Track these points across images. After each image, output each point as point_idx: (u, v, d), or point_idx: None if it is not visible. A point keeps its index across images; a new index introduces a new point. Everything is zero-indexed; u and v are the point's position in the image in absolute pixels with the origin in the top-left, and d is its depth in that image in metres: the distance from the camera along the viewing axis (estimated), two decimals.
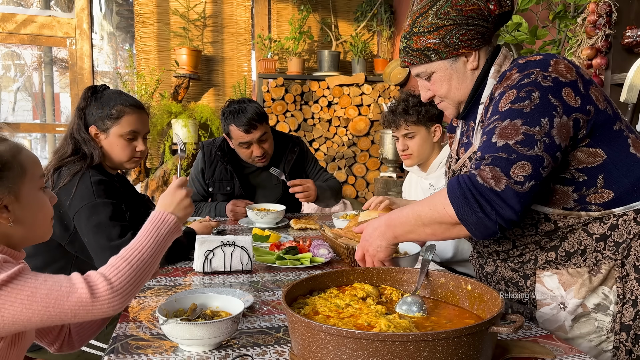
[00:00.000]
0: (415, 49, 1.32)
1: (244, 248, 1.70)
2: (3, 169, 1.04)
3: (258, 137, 2.48)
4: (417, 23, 1.31)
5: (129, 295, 1.02)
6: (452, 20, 1.27)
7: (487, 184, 1.10)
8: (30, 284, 0.97)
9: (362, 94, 4.86)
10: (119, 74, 4.98)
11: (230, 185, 2.62)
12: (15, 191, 1.06)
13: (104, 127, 1.85)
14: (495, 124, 1.17)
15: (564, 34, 2.45)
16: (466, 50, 1.30)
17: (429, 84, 1.38)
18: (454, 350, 0.88)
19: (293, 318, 0.96)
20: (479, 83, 1.34)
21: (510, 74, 1.23)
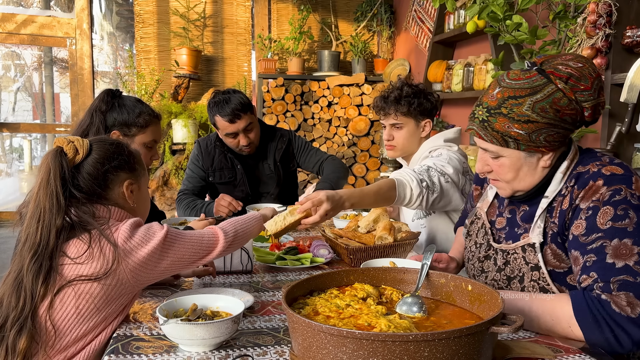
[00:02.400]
0: (495, 129, 1.25)
1: (244, 248, 1.70)
2: (136, 162, 1.40)
3: (243, 127, 2.50)
4: (509, 105, 1.23)
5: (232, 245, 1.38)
6: (546, 118, 1.21)
7: (623, 312, 1.09)
8: (179, 235, 1.29)
9: (362, 94, 4.86)
10: (119, 74, 4.99)
11: (232, 172, 2.63)
12: (139, 182, 1.40)
13: (129, 134, 1.88)
14: (603, 242, 1.15)
15: (564, 34, 2.45)
16: (546, 150, 1.26)
17: (493, 162, 1.32)
18: (454, 350, 0.88)
19: (293, 318, 0.96)
20: (548, 179, 1.30)
21: (596, 186, 1.20)
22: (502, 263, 1.36)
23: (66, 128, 4.98)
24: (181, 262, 1.28)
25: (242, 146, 2.56)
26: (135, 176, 1.38)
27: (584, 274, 1.16)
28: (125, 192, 1.35)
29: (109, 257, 1.20)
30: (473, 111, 1.33)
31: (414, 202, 1.79)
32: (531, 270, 1.29)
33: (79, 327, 1.21)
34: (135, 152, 1.43)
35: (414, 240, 1.83)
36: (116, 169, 1.33)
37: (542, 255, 1.27)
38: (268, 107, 4.77)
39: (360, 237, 1.83)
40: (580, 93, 1.21)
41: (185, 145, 4.51)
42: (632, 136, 2.37)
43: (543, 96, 1.20)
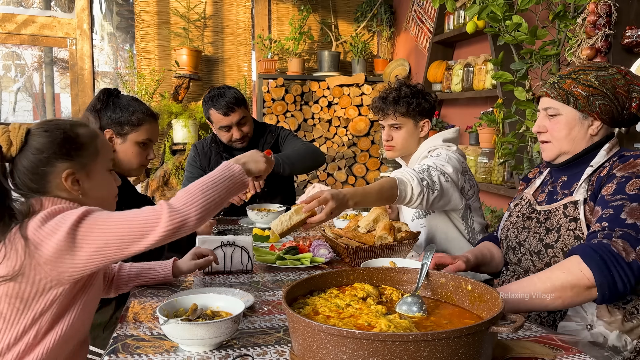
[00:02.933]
0: (562, 88, 1.49)
1: (244, 248, 1.70)
2: (80, 148, 1.24)
3: (237, 120, 2.55)
4: (578, 74, 1.49)
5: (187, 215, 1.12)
6: (605, 88, 1.45)
7: (623, 253, 1.25)
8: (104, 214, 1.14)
9: (362, 94, 4.86)
10: (119, 75, 4.99)
11: None
12: (87, 169, 1.25)
13: (122, 132, 1.87)
14: (623, 202, 1.34)
15: (564, 34, 2.45)
16: (597, 117, 1.48)
17: (548, 122, 1.53)
18: (454, 350, 0.88)
19: (293, 318, 0.96)
20: (589, 150, 1.51)
21: (635, 162, 1.41)
22: (543, 218, 1.55)
23: None
24: (109, 248, 1.10)
25: (236, 139, 2.60)
26: (78, 164, 1.23)
27: (597, 222, 1.33)
28: (64, 184, 1.21)
29: (21, 253, 1.11)
30: (545, 81, 1.60)
31: (415, 201, 1.79)
32: (569, 222, 1.47)
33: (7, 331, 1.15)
34: (82, 135, 1.25)
35: (414, 240, 1.83)
36: (50, 160, 1.20)
37: (583, 210, 1.45)
38: (268, 107, 4.77)
39: (360, 237, 1.83)
40: (634, 86, 1.46)
41: (186, 145, 4.52)
42: (632, 136, 2.37)
43: (606, 73, 1.47)
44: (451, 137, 2.14)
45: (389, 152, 2.20)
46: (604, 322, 1.39)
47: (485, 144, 3.41)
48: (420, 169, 1.88)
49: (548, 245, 1.50)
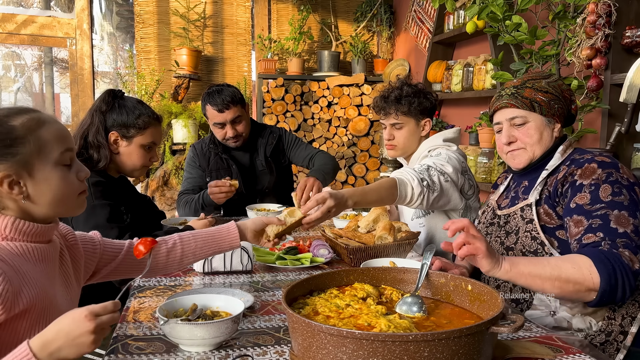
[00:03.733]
0: (525, 97, 1.56)
1: (244, 248, 1.70)
2: (13, 144, 1.02)
3: (231, 118, 2.55)
4: (531, 82, 1.58)
5: None
6: (556, 93, 1.56)
7: (630, 263, 1.30)
8: None
9: (362, 94, 4.86)
10: (119, 75, 4.99)
11: (227, 173, 2.66)
12: (28, 167, 1.04)
13: (128, 135, 1.88)
14: (606, 211, 1.38)
15: (564, 34, 2.45)
16: (557, 120, 1.58)
17: (517, 132, 1.58)
18: (454, 350, 0.88)
19: (293, 318, 0.96)
20: (546, 154, 1.58)
21: (591, 167, 1.45)
22: (503, 222, 1.63)
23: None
24: None
25: (229, 137, 2.60)
26: (15, 164, 1.02)
27: (590, 233, 1.36)
28: (2, 190, 1.03)
29: None
30: (498, 95, 1.62)
31: (415, 201, 1.80)
32: (526, 224, 1.54)
33: None
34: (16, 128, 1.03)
35: (414, 240, 1.83)
36: None
37: (536, 212, 1.53)
38: (268, 107, 4.77)
39: (360, 237, 1.83)
40: (569, 91, 1.61)
41: (185, 145, 4.52)
42: (631, 136, 2.37)
43: (552, 80, 1.59)
44: (451, 137, 2.14)
45: (390, 152, 2.20)
46: (566, 307, 1.45)
47: (485, 144, 3.41)
48: (420, 169, 1.88)
49: (508, 247, 1.57)
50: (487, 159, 3.38)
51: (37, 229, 1.08)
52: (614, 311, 1.44)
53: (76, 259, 1.25)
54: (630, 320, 1.44)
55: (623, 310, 1.44)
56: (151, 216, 2.12)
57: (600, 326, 1.44)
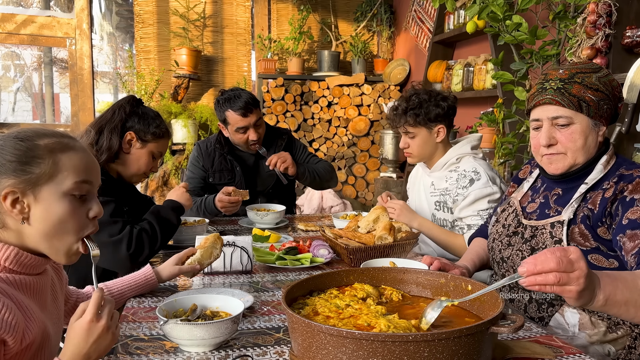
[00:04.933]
0: (572, 94, 1.37)
1: (244, 248, 1.70)
2: (29, 162, 0.99)
3: (254, 121, 2.55)
4: (580, 76, 1.38)
5: None
6: (608, 91, 1.38)
7: None
8: None
9: (362, 94, 4.86)
10: (118, 74, 4.98)
11: (231, 174, 2.65)
12: (35, 189, 0.99)
13: (144, 139, 1.93)
14: None
15: (564, 34, 2.45)
16: (604, 123, 1.40)
17: (559, 133, 1.40)
18: (454, 350, 0.88)
19: (293, 318, 0.96)
20: (588, 164, 1.42)
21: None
22: (529, 236, 1.47)
23: (66, 128, 4.98)
24: None
25: (252, 141, 2.58)
26: (25, 182, 0.98)
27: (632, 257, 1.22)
28: (4, 206, 0.98)
29: None
30: (541, 87, 1.42)
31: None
32: (554, 243, 1.39)
33: None
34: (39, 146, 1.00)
35: (414, 240, 1.83)
36: None
37: (567, 232, 1.37)
38: (268, 107, 4.77)
39: (360, 237, 1.83)
40: (619, 86, 1.41)
41: (185, 145, 4.51)
42: (632, 136, 2.37)
43: (603, 74, 1.39)
44: (477, 144, 2.17)
45: (409, 159, 2.23)
46: (585, 333, 1.37)
47: (486, 144, 3.41)
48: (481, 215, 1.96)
49: None
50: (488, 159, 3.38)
51: (35, 261, 1.03)
52: (635, 339, 1.35)
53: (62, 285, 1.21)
54: None
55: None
56: None
57: (619, 354, 1.34)
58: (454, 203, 2.05)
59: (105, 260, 1.72)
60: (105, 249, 1.70)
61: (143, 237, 1.74)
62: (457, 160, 2.11)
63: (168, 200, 1.99)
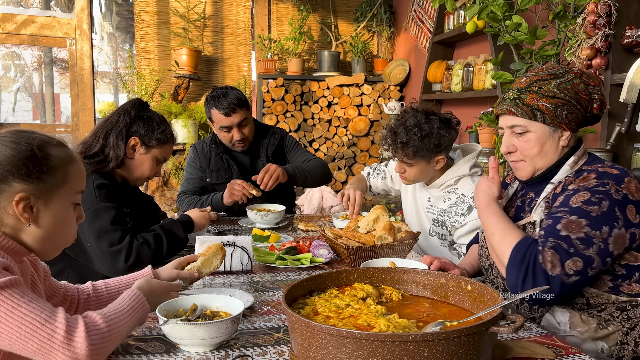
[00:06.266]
0: (526, 104, 1.42)
1: (244, 248, 1.70)
2: (46, 172, 1.07)
3: (238, 121, 2.54)
4: (537, 84, 1.42)
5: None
6: (568, 97, 1.40)
7: (544, 265, 1.27)
8: (15, 300, 0.96)
9: (362, 94, 4.86)
10: (119, 75, 4.99)
11: (228, 173, 2.66)
12: (47, 197, 1.07)
13: (148, 144, 1.92)
14: (563, 214, 1.33)
15: (564, 34, 2.45)
16: (566, 128, 1.43)
17: (517, 141, 1.46)
18: (454, 350, 0.88)
19: (293, 318, 0.96)
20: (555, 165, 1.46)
21: (588, 176, 1.37)
22: None
23: (66, 128, 4.98)
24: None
25: (236, 141, 2.59)
26: (37, 189, 1.06)
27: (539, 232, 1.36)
28: (14, 208, 1.04)
29: None
30: (502, 97, 1.49)
31: None
32: None
33: None
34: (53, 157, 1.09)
35: (414, 240, 1.83)
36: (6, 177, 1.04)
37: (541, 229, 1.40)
38: (268, 107, 4.77)
39: (360, 237, 1.83)
40: (591, 87, 1.43)
41: (185, 145, 4.51)
42: (631, 136, 2.37)
43: (565, 80, 1.41)
44: (475, 162, 2.10)
45: (404, 181, 2.15)
46: (576, 331, 1.39)
47: (485, 144, 3.41)
48: None
49: None
50: (488, 159, 3.38)
51: (17, 248, 1.08)
52: (626, 334, 1.36)
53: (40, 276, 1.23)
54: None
55: (636, 333, 1.36)
56: (154, 217, 2.13)
57: (612, 350, 1.37)
58: (452, 227, 2.05)
59: (103, 269, 1.73)
60: (104, 258, 1.71)
61: (144, 249, 1.74)
62: (455, 182, 2.09)
63: (184, 215, 1.99)
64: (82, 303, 1.30)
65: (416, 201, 2.24)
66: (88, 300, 1.31)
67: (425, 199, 2.19)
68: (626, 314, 1.37)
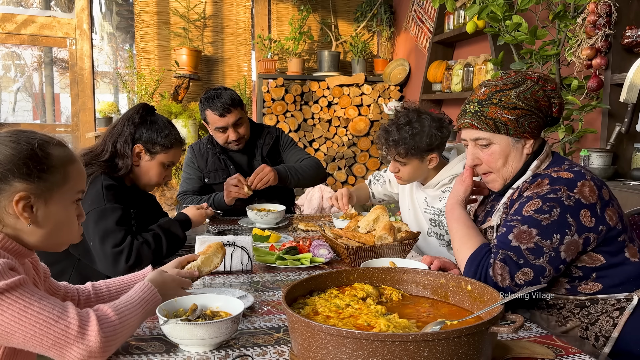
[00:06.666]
0: (488, 117, 1.42)
1: (244, 248, 1.70)
2: (46, 171, 1.07)
3: (233, 121, 2.55)
4: (497, 96, 1.42)
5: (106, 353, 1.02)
6: (529, 106, 1.41)
7: (495, 278, 1.30)
8: (26, 299, 0.97)
9: (362, 94, 4.86)
10: (119, 74, 4.99)
11: (225, 173, 2.67)
12: (47, 196, 1.08)
13: (152, 151, 1.92)
14: (515, 223, 1.34)
15: (564, 34, 2.45)
16: (529, 136, 1.43)
17: (482, 154, 1.47)
18: (454, 350, 0.88)
19: (293, 318, 0.96)
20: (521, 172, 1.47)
21: (541, 182, 1.37)
22: None
23: (66, 128, 4.98)
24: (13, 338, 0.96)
25: (232, 141, 2.60)
26: (38, 188, 1.06)
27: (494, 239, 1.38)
28: (14, 207, 1.05)
29: None
30: (463, 109, 1.49)
31: None
32: None
33: None
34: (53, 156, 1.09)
35: (414, 240, 1.83)
36: (6, 176, 1.04)
37: (497, 235, 1.43)
38: (268, 107, 4.77)
39: (360, 237, 1.83)
40: (549, 91, 1.44)
41: (185, 145, 4.51)
42: (631, 136, 2.37)
43: (524, 89, 1.42)
44: None
45: (398, 181, 2.17)
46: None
47: None
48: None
49: None
50: None
51: (19, 249, 1.09)
52: (585, 329, 1.37)
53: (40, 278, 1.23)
54: (604, 340, 1.35)
55: (596, 328, 1.36)
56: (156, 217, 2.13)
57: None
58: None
59: (104, 269, 1.73)
60: (105, 259, 1.72)
61: (144, 249, 1.74)
62: (450, 182, 2.10)
63: (181, 213, 2.00)
64: (83, 303, 1.30)
65: (413, 202, 2.25)
66: (89, 300, 1.32)
67: (422, 199, 2.19)
68: (586, 310, 1.38)
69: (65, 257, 1.83)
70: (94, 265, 1.80)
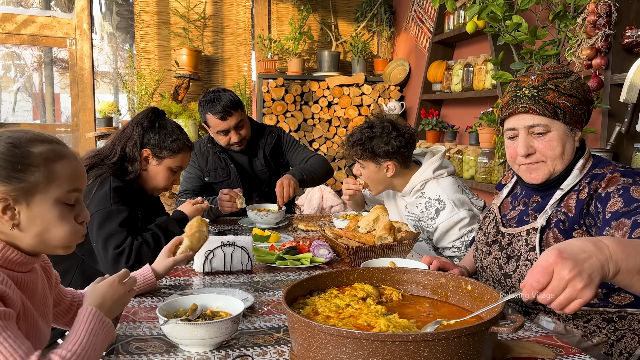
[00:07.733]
0: (548, 101, 1.35)
1: (244, 248, 1.70)
2: (23, 170, 0.99)
3: (234, 123, 2.55)
4: (553, 82, 1.36)
5: None
6: (581, 95, 1.37)
7: None
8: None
9: (362, 94, 4.86)
10: (119, 75, 4.99)
11: (226, 172, 2.67)
12: (28, 197, 1.00)
13: (160, 155, 1.93)
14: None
15: (564, 34, 2.45)
16: (579, 127, 1.39)
17: (537, 142, 1.38)
18: (454, 350, 0.88)
19: (293, 318, 0.96)
20: (567, 170, 1.40)
21: (615, 177, 1.29)
22: (505, 244, 1.48)
23: (66, 128, 4.98)
24: None
25: (234, 143, 2.60)
26: (17, 189, 0.99)
27: (638, 228, 1.16)
28: None
29: None
30: (515, 95, 1.40)
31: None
32: (528, 251, 1.40)
33: None
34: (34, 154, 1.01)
35: (414, 240, 1.83)
36: None
37: (540, 239, 1.38)
38: (268, 107, 4.77)
39: (360, 237, 1.83)
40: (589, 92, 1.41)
41: None
42: (631, 136, 2.37)
43: (574, 78, 1.38)
44: (439, 164, 2.13)
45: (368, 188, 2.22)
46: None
47: (485, 144, 3.41)
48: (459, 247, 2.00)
49: (507, 274, 1.46)
50: (487, 159, 3.38)
51: (22, 259, 1.04)
52: (611, 346, 1.34)
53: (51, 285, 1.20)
54: (626, 356, 1.32)
55: (622, 345, 1.33)
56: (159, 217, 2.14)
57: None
58: (429, 232, 2.09)
59: (106, 270, 1.74)
60: (106, 260, 1.74)
61: (144, 249, 1.75)
62: (422, 187, 2.13)
63: (177, 211, 2.00)
64: None
65: (399, 210, 2.27)
66: None
67: (403, 206, 2.23)
68: (613, 325, 1.34)
69: (68, 257, 1.84)
70: (97, 266, 1.80)
